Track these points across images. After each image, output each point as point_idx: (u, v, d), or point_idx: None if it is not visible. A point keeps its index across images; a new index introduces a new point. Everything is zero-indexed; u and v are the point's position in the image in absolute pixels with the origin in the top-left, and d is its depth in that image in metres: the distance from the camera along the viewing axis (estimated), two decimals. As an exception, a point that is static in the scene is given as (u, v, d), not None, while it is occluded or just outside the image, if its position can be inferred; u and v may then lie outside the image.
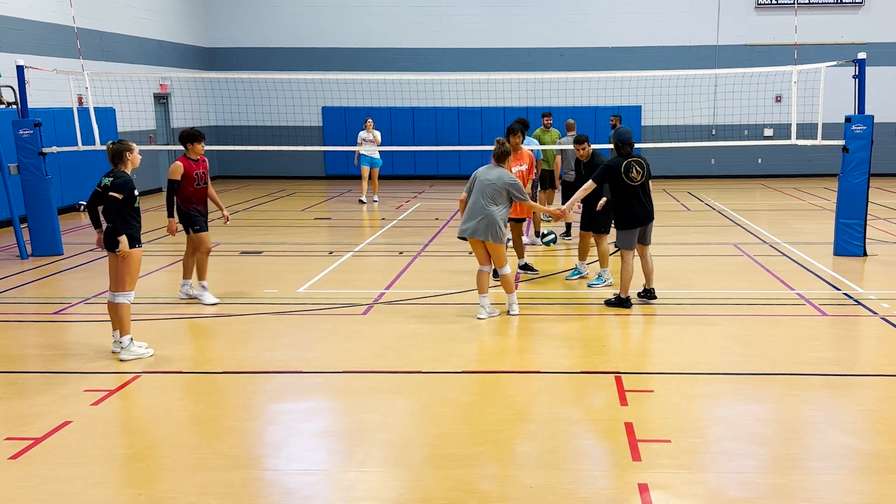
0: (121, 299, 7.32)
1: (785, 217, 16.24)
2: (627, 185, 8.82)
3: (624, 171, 8.80)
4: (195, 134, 9.37)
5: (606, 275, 10.03)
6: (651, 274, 9.14)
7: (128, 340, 7.33)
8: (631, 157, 8.90)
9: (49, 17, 17.33)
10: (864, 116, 11.44)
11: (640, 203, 8.87)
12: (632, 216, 8.91)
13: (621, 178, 8.80)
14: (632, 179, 8.81)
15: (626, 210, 8.92)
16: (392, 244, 13.38)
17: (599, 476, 5.06)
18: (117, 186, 7.23)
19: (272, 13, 24.59)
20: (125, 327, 7.34)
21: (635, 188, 8.83)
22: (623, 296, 8.95)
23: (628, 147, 8.98)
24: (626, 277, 8.94)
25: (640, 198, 8.87)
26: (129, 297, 7.36)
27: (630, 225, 8.92)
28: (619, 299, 8.98)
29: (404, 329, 8.31)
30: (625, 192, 8.85)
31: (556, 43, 24.14)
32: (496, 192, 8.46)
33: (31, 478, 5.08)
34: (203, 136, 9.50)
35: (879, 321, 8.46)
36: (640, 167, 8.87)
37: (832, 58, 14.49)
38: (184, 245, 9.62)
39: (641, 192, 8.88)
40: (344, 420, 6.08)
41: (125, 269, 7.27)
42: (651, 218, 9.02)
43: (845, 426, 5.79)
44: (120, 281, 7.31)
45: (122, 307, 7.32)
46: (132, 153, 7.40)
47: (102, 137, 13.59)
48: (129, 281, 7.33)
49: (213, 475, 5.07)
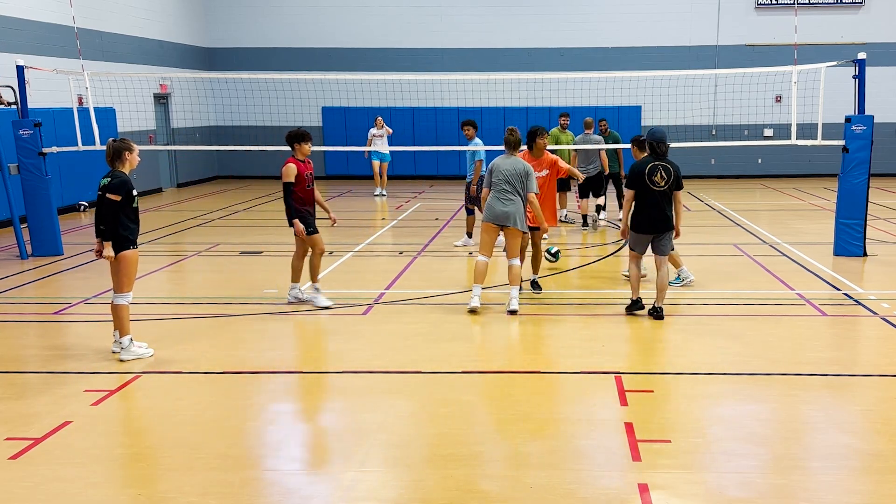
0: (119, 300, 7.32)
1: (785, 217, 16.25)
2: (649, 188, 8.34)
3: (648, 173, 8.32)
4: (303, 134, 8.94)
5: (684, 273, 9.96)
6: (663, 291, 8.52)
7: (127, 341, 7.34)
8: (659, 161, 8.38)
9: (49, 17, 17.33)
10: (864, 116, 11.44)
11: (658, 209, 8.36)
12: (646, 220, 8.43)
13: (644, 181, 8.34)
14: (654, 184, 8.31)
15: (641, 212, 8.45)
16: (392, 244, 13.38)
17: (599, 476, 5.06)
18: (115, 188, 7.15)
19: (272, 13, 24.59)
20: (125, 328, 7.36)
21: (656, 193, 8.34)
22: (633, 297, 8.61)
23: (663, 146, 8.40)
24: (633, 279, 8.63)
25: (659, 204, 8.35)
26: (128, 298, 7.36)
27: (642, 229, 8.47)
28: (632, 302, 8.62)
29: (404, 329, 8.31)
30: (644, 195, 8.39)
31: (556, 43, 24.14)
32: (517, 180, 8.77)
33: (31, 478, 5.07)
34: (310, 136, 9.08)
35: (879, 321, 8.46)
36: (665, 172, 8.33)
37: (832, 58, 14.48)
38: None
39: (663, 198, 8.36)
40: (344, 420, 6.08)
41: (122, 271, 7.26)
42: (668, 228, 8.47)
43: (845, 426, 5.79)
44: (118, 283, 7.32)
45: (120, 308, 7.33)
46: (132, 153, 7.33)
47: (102, 137, 13.57)
48: (127, 283, 7.32)
49: (213, 475, 5.07)
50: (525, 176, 8.79)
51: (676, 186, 8.43)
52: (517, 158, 8.91)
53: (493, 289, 9.92)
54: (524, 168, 8.81)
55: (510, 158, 8.88)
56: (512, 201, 8.74)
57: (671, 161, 8.43)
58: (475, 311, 8.75)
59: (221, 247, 12.94)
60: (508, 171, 8.77)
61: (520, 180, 8.76)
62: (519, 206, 8.78)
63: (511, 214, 8.72)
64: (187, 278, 11.44)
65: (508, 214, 8.72)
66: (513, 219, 8.73)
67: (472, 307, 8.75)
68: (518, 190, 8.77)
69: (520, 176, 8.77)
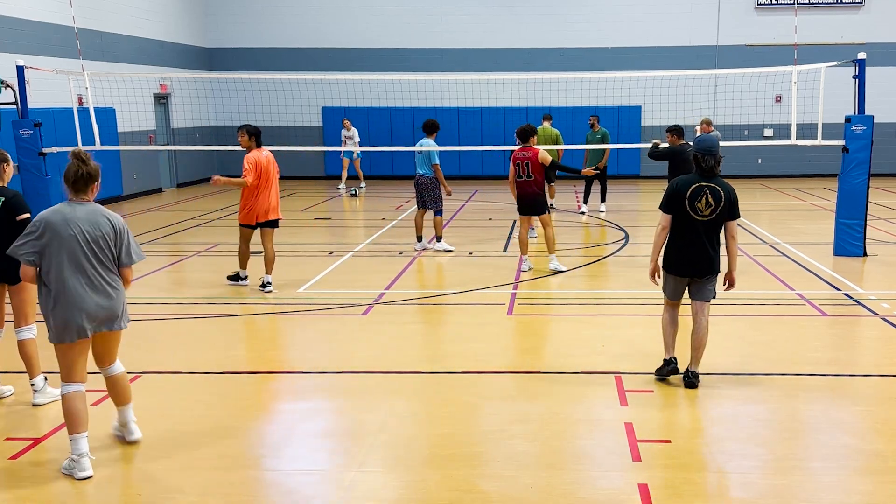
0: (27, 335, 6.27)
1: (785, 217, 16.25)
2: (690, 216, 6.30)
3: (689, 197, 6.28)
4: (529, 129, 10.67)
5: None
6: (699, 350, 6.50)
7: (41, 381, 6.35)
8: (706, 181, 6.31)
9: (49, 18, 17.32)
10: (864, 116, 11.44)
11: (699, 246, 6.32)
12: (684, 259, 6.36)
13: (684, 207, 6.31)
14: (698, 211, 6.28)
15: (677, 248, 6.38)
16: (392, 244, 13.38)
17: (599, 476, 5.06)
18: (21, 206, 6.14)
19: (272, 13, 24.58)
20: (37, 367, 6.32)
21: (699, 224, 6.30)
22: (666, 356, 6.63)
23: (710, 160, 6.28)
24: (665, 333, 6.64)
25: (701, 238, 6.31)
26: (34, 330, 6.30)
27: (677, 270, 6.44)
28: (664, 363, 6.64)
29: (404, 329, 8.31)
30: (682, 225, 6.34)
31: (556, 43, 24.13)
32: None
33: (31, 478, 5.08)
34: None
35: (879, 321, 8.46)
36: (714, 197, 6.25)
37: (832, 58, 14.47)
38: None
39: (708, 230, 6.32)
40: (344, 420, 6.08)
41: (26, 299, 6.24)
42: (712, 270, 6.42)
43: (845, 426, 5.79)
44: (23, 314, 6.26)
45: (30, 344, 6.27)
46: (9, 165, 6.27)
47: (102, 138, 13.59)
48: (32, 312, 6.26)
49: (213, 475, 5.07)
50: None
51: (730, 216, 6.38)
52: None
53: (493, 288, 9.93)
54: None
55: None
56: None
57: (723, 182, 6.34)
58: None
59: (221, 247, 12.93)
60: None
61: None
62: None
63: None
64: (187, 278, 11.44)
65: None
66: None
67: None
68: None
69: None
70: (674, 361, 6.61)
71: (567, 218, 16.06)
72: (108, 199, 18.77)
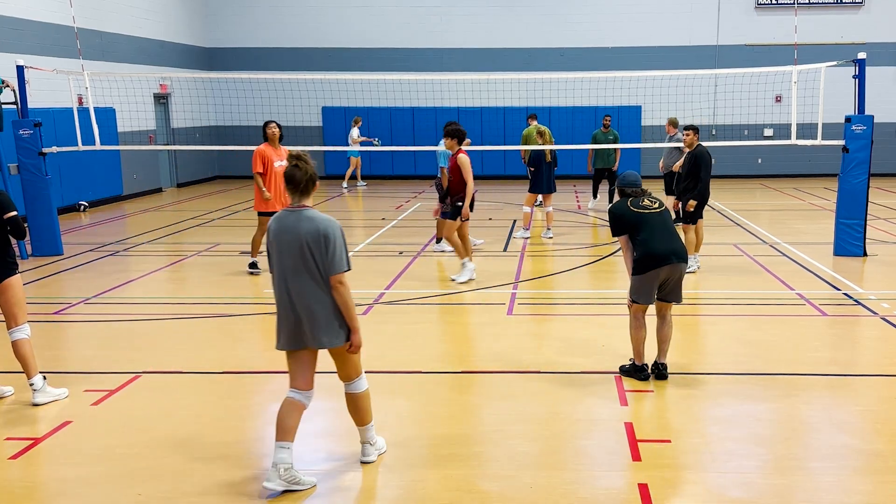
0: (20, 335, 6.27)
1: (785, 217, 16.25)
2: (642, 214, 6.60)
3: (632, 205, 6.67)
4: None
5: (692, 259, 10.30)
6: (666, 343, 6.77)
7: (40, 381, 6.33)
8: (637, 196, 6.78)
9: (49, 18, 17.32)
10: (864, 116, 11.44)
11: (663, 229, 6.59)
12: (658, 248, 6.51)
13: (632, 214, 6.63)
14: (645, 208, 6.66)
15: (644, 245, 6.57)
16: (392, 244, 13.38)
17: (599, 476, 5.06)
18: (7, 204, 6.15)
19: (272, 13, 24.58)
20: (34, 366, 6.32)
21: (652, 216, 6.63)
22: (637, 363, 6.79)
23: (637, 190, 6.76)
24: (637, 341, 6.75)
25: (663, 224, 6.63)
26: (27, 330, 6.32)
27: (654, 263, 6.51)
28: (633, 366, 6.82)
29: (404, 329, 8.31)
30: (639, 225, 6.58)
31: (556, 43, 24.13)
32: None
33: (31, 478, 5.08)
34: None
35: (879, 321, 8.46)
36: (650, 198, 6.77)
37: (832, 58, 14.47)
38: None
39: (661, 221, 6.64)
40: (344, 420, 6.06)
41: (14, 300, 6.25)
42: (684, 257, 6.62)
43: (845, 426, 5.79)
44: (13, 314, 6.25)
45: (24, 344, 6.29)
46: None
47: (102, 137, 13.59)
48: (22, 312, 6.28)
49: (213, 475, 5.07)
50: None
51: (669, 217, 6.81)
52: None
53: (493, 288, 9.93)
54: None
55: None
56: None
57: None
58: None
59: (221, 247, 12.93)
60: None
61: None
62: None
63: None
64: (187, 278, 11.44)
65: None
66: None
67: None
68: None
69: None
70: (646, 368, 6.78)
71: (567, 218, 16.06)
72: (108, 199, 18.81)
